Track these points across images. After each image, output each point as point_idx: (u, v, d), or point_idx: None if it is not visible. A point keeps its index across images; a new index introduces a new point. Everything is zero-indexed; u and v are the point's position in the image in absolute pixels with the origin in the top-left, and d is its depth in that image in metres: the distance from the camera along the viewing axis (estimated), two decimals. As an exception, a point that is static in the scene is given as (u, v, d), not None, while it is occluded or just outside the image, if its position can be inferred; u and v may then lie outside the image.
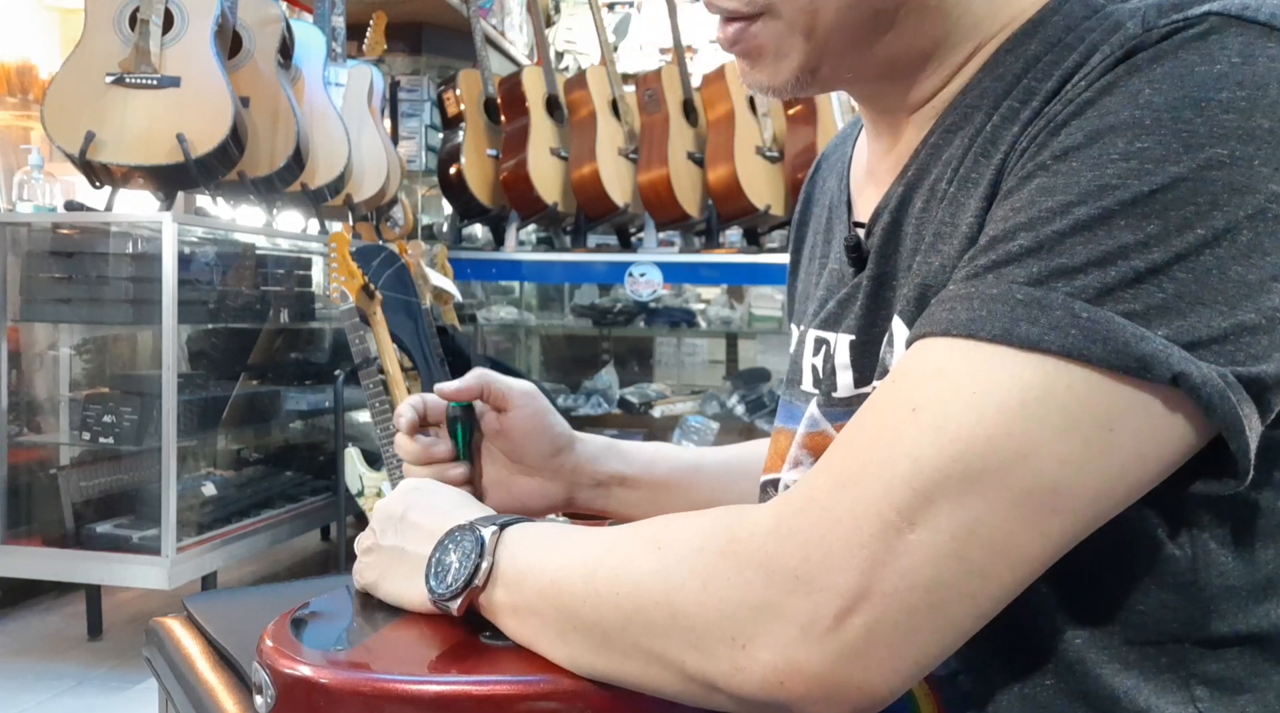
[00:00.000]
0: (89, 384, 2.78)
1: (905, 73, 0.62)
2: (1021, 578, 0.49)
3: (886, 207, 0.63)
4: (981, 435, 0.47)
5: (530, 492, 0.88)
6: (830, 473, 0.51)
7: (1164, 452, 0.48)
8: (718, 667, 0.50)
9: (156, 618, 0.83)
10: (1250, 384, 0.47)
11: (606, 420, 3.71)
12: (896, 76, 0.62)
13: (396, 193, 3.40)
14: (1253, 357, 0.47)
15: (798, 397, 0.71)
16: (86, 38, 2.48)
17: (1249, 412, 0.47)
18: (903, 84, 0.63)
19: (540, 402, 0.87)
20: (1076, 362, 0.47)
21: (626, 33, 5.27)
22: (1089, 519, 0.49)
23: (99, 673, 2.47)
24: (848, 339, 0.65)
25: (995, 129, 0.56)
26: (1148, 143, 0.48)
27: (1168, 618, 0.53)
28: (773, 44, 0.60)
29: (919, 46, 0.61)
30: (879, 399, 0.52)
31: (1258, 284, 0.47)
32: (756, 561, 0.50)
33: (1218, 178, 0.47)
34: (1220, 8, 0.50)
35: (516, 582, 0.59)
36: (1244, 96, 0.48)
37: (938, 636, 0.49)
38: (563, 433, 0.88)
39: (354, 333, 2.63)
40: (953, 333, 0.50)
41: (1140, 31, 0.51)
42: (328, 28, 3.15)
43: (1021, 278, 0.49)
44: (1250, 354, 0.47)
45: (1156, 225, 0.47)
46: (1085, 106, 0.50)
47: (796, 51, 0.60)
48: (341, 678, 0.55)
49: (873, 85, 0.64)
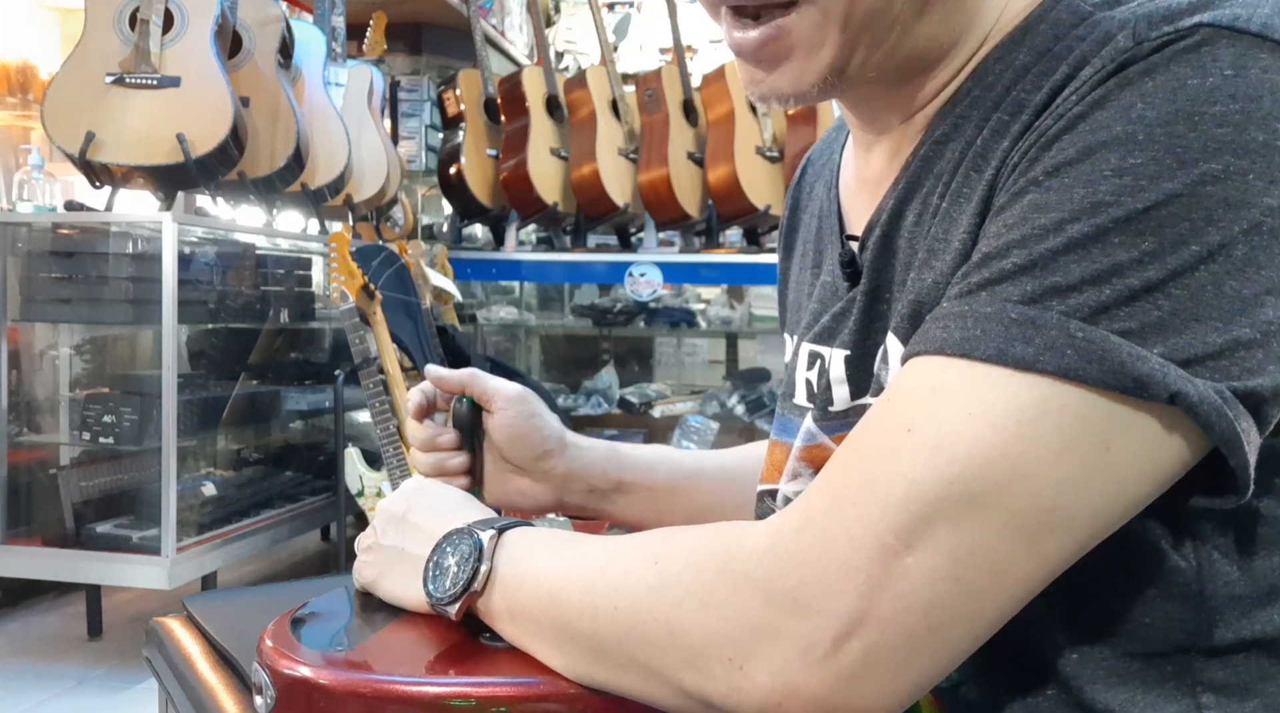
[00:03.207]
0: (89, 384, 2.78)
1: (919, 71, 0.61)
2: (1020, 598, 0.49)
3: (878, 220, 0.63)
4: (978, 457, 0.47)
5: (520, 489, 0.89)
6: (827, 493, 0.50)
7: (1161, 469, 0.48)
8: (715, 687, 0.50)
9: (156, 618, 0.83)
10: (1247, 398, 0.47)
11: (606, 420, 3.71)
12: (910, 76, 0.61)
13: (396, 193, 3.40)
14: (1249, 371, 0.47)
15: (791, 410, 0.71)
16: (86, 38, 2.48)
17: (1246, 426, 0.47)
18: (910, 86, 0.61)
19: (529, 406, 0.88)
20: (1072, 382, 0.47)
21: (626, 33, 5.27)
22: (1087, 538, 0.49)
23: (99, 673, 2.47)
24: (843, 354, 0.64)
25: (985, 143, 0.56)
26: (1141, 158, 0.47)
27: (1173, 629, 0.53)
28: (806, 38, 0.57)
29: (940, 41, 0.59)
30: (874, 418, 0.52)
31: (1253, 298, 0.47)
32: (754, 581, 0.50)
33: (1212, 193, 0.47)
34: (1211, 19, 0.49)
35: (514, 588, 0.59)
36: (1237, 109, 0.47)
37: (935, 657, 0.49)
38: (551, 437, 0.88)
39: (354, 333, 2.63)
40: (947, 352, 0.50)
41: (1131, 44, 0.50)
42: (328, 28, 3.15)
43: (1015, 296, 0.48)
44: (1246, 368, 0.47)
45: (1151, 242, 0.47)
46: (1077, 121, 0.50)
47: (830, 44, 0.57)
48: (341, 679, 0.55)
49: (883, 88, 0.62)
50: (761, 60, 0.59)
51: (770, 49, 0.58)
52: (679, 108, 3.54)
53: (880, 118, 0.64)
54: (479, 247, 3.85)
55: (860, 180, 0.69)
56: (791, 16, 0.57)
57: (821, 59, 0.58)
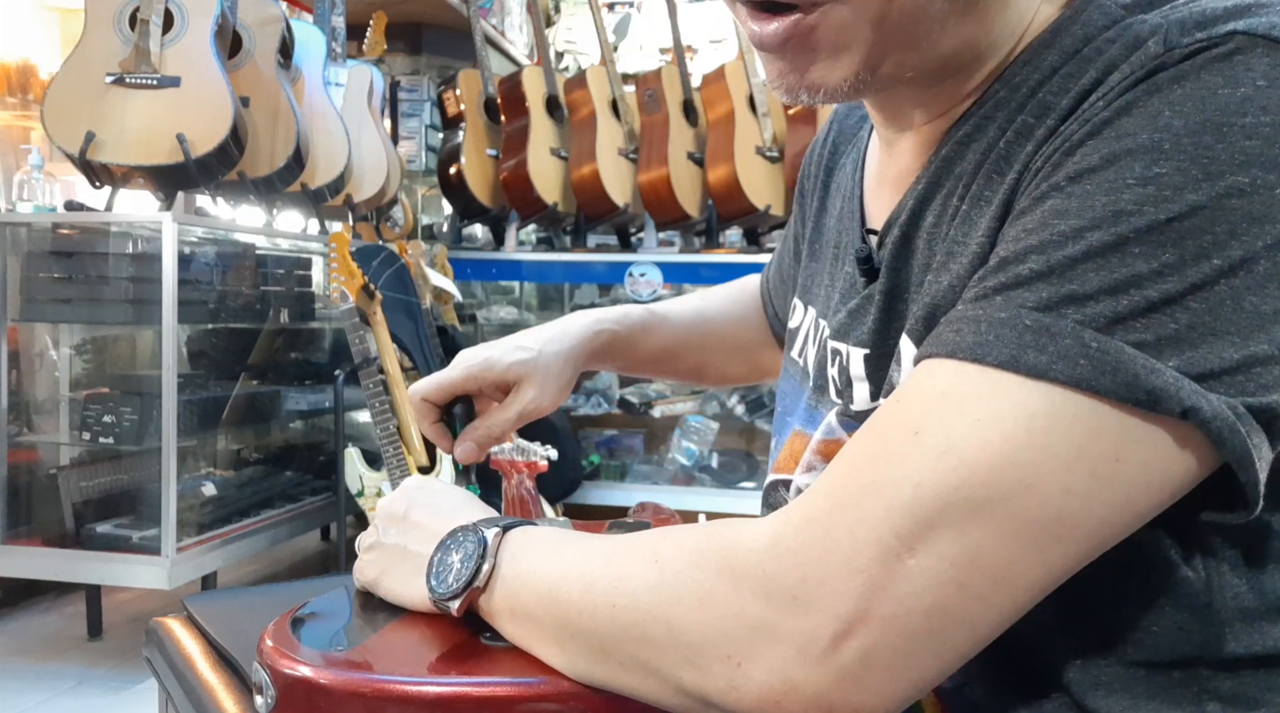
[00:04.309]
0: (89, 384, 2.78)
1: (953, 72, 0.59)
2: (1022, 604, 0.49)
3: (898, 219, 0.62)
4: (986, 463, 0.47)
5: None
6: (831, 493, 0.50)
7: (1171, 483, 0.48)
8: (713, 684, 0.50)
9: (156, 618, 0.83)
10: (1260, 414, 0.46)
11: (606, 420, 3.71)
12: (944, 77, 0.59)
13: (396, 193, 3.40)
14: (1264, 387, 0.46)
15: (824, 404, 0.70)
16: (86, 38, 2.48)
17: (1259, 442, 0.47)
18: (942, 87, 0.60)
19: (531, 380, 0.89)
20: (1084, 392, 0.46)
21: (626, 33, 5.27)
22: (1092, 547, 0.48)
23: (99, 673, 2.47)
24: (861, 352, 0.64)
25: (1009, 145, 0.55)
26: (1166, 168, 0.46)
27: (1181, 639, 0.52)
28: (832, 36, 0.55)
29: (977, 40, 0.57)
30: (882, 419, 0.51)
31: (1272, 315, 0.46)
32: (754, 579, 0.50)
33: (1237, 207, 0.46)
34: (1246, 27, 0.48)
35: (516, 586, 0.59)
36: (1268, 122, 0.46)
37: (935, 660, 0.48)
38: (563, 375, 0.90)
39: (354, 333, 2.63)
40: (959, 355, 0.49)
41: (1162, 50, 0.49)
42: (328, 28, 3.15)
43: (1031, 303, 0.48)
44: (1261, 384, 0.46)
45: (1172, 254, 0.46)
46: (1102, 127, 0.49)
47: (860, 43, 0.55)
48: (341, 678, 0.55)
49: (915, 88, 0.60)
50: (786, 54, 0.57)
51: (794, 43, 0.56)
52: (679, 108, 3.54)
53: (907, 115, 0.63)
54: (479, 247, 3.85)
55: (882, 176, 0.68)
56: (815, 14, 0.55)
57: (851, 59, 0.56)
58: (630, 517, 0.95)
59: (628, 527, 0.87)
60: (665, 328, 0.98)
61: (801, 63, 0.57)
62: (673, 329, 0.99)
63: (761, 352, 1.02)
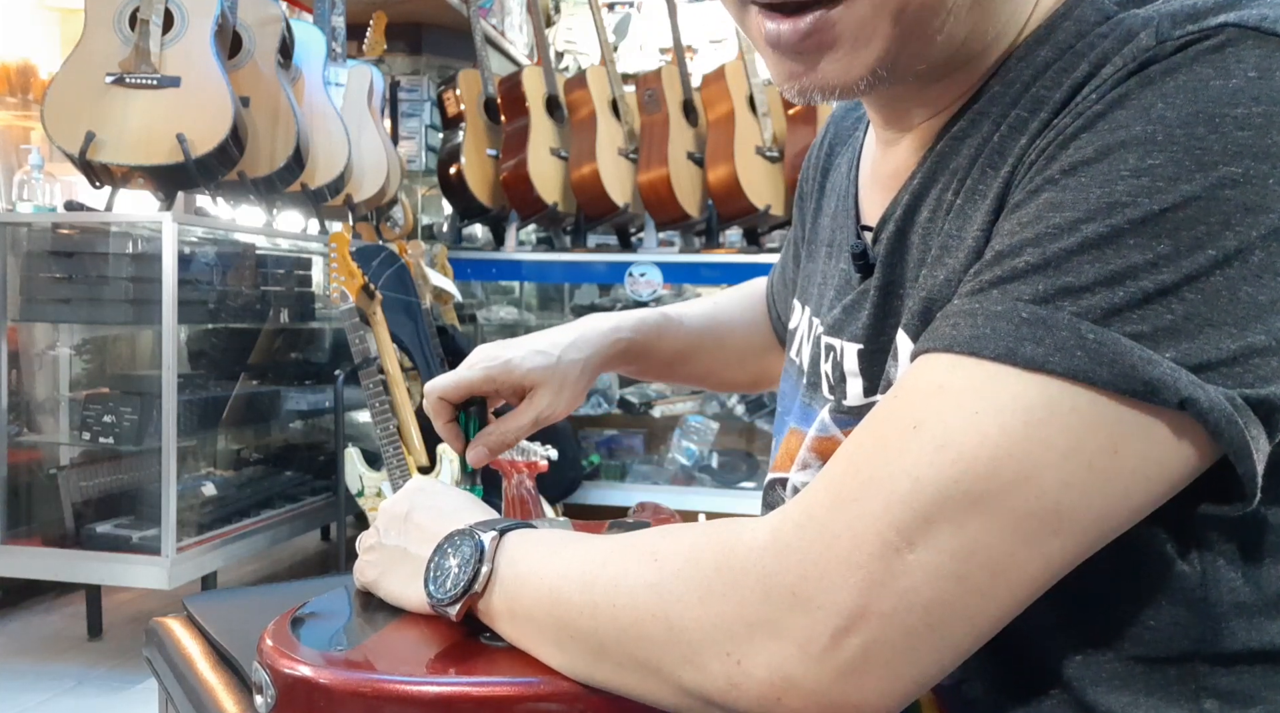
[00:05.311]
0: (89, 384, 2.78)
1: (957, 66, 0.59)
2: (1022, 598, 0.49)
3: (892, 215, 0.62)
4: (984, 456, 0.47)
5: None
6: (830, 489, 0.50)
7: (1169, 474, 0.48)
8: (713, 682, 0.50)
9: (156, 618, 0.83)
10: (1258, 406, 0.46)
11: (606, 420, 3.71)
12: (949, 71, 0.59)
13: (396, 193, 3.40)
14: (1261, 378, 0.46)
15: (817, 401, 0.70)
16: (86, 38, 2.48)
17: (1256, 434, 0.47)
18: (944, 83, 0.60)
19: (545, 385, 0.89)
20: (1082, 384, 0.46)
21: (626, 33, 5.27)
22: (1091, 540, 0.48)
23: (99, 673, 2.47)
24: (855, 348, 0.64)
25: (1003, 139, 0.55)
26: (1159, 159, 0.47)
27: (1178, 635, 0.52)
28: (853, 30, 0.55)
29: (983, 31, 0.58)
30: (880, 414, 0.51)
31: (1268, 305, 0.46)
32: (754, 577, 0.50)
33: (1231, 197, 0.46)
34: (1237, 19, 0.48)
35: (514, 589, 0.59)
36: (1260, 112, 0.46)
37: (936, 655, 0.48)
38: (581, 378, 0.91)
39: (354, 333, 2.63)
40: (956, 350, 0.49)
41: (1154, 43, 0.49)
42: (328, 28, 3.15)
43: (1027, 296, 0.48)
44: (1259, 376, 0.46)
45: (1167, 245, 0.46)
46: (1096, 119, 0.49)
47: (880, 38, 0.55)
48: (341, 678, 0.55)
49: (920, 84, 0.60)
50: (802, 53, 0.56)
51: (814, 40, 0.56)
52: (679, 108, 3.54)
53: (908, 114, 0.64)
54: (479, 247, 3.85)
55: (877, 173, 0.69)
56: (838, 9, 0.55)
57: (871, 51, 0.55)
58: (630, 517, 0.95)
59: (628, 527, 0.87)
60: (680, 332, 0.98)
61: (817, 60, 0.56)
62: (686, 334, 0.99)
63: (767, 357, 1.02)
